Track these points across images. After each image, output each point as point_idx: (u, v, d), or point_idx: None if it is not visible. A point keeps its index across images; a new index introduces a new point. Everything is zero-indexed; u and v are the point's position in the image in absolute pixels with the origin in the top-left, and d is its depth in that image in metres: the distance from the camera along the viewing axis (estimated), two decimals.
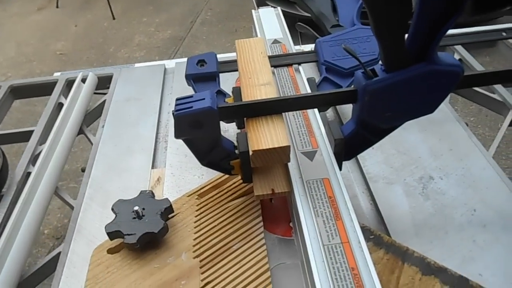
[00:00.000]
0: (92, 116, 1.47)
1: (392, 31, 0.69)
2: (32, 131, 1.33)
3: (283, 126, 0.81)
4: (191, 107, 0.79)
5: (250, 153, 0.79)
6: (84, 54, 4.58)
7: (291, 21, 1.36)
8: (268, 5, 2.07)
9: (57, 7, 5.61)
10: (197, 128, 0.81)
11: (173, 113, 0.80)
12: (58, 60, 4.54)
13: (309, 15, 1.39)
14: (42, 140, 1.30)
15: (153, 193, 0.95)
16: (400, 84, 0.75)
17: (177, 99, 0.82)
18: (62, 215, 2.73)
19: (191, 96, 0.82)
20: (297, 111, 0.94)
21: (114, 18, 5.22)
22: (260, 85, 0.92)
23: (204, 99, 0.80)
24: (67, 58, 4.56)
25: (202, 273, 0.83)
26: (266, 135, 0.79)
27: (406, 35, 0.71)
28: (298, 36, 1.94)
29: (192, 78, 1.07)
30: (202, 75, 1.07)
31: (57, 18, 5.40)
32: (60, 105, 1.42)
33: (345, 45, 0.79)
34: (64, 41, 4.86)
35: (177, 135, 0.83)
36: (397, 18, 0.67)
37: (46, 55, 4.65)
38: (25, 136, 1.35)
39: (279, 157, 0.79)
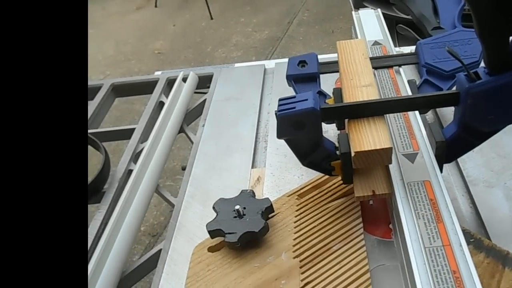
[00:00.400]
0: (192, 115, 1.49)
1: (496, 34, 0.69)
2: (133, 129, 1.36)
3: (385, 127, 0.81)
4: (294, 107, 0.80)
5: (352, 154, 0.79)
6: (181, 54, 4.67)
7: (389, 23, 1.35)
8: (365, 6, 2.06)
9: (155, 6, 5.75)
10: (300, 129, 0.82)
11: (276, 114, 0.81)
12: (156, 59, 4.65)
13: (406, 16, 1.38)
14: (144, 138, 1.33)
15: (253, 193, 0.96)
16: (503, 87, 0.74)
17: (280, 100, 0.84)
18: (158, 212, 2.78)
19: (293, 97, 0.83)
20: (398, 113, 0.94)
21: (212, 18, 5.30)
22: (362, 86, 0.92)
23: (307, 99, 0.81)
24: (165, 57, 4.66)
25: (302, 273, 0.84)
26: (368, 137, 0.79)
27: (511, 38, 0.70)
28: (395, 38, 1.93)
29: (293, 79, 1.08)
30: (303, 75, 1.07)
31: (155, 18, 5.53)
32: (161, 104, 1.45)
33: (449, 47, 0.78)
34: (162, 40, 4.97)
35: (279, 135, 0.85)
36: (502, 21, 0.66)
37: (144, 54, 4.77)
38: (125, 134, 1.38)
39: (380, 158, 0.79)
